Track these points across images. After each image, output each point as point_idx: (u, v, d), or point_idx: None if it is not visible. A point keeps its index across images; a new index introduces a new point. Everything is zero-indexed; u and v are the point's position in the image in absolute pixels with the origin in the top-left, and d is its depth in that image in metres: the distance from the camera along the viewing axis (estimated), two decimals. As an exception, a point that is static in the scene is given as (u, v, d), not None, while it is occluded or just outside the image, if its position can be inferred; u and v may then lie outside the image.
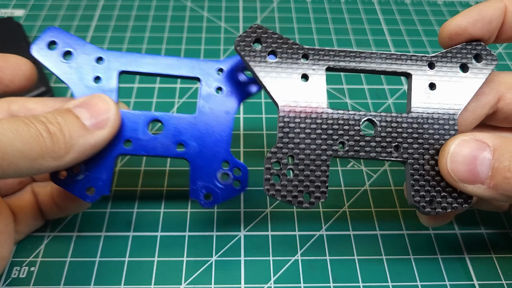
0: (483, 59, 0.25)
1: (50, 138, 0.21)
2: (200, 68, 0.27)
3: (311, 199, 0.23)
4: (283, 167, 0.24)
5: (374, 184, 0.34)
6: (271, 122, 0.38)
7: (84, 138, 0.22)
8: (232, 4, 0.52)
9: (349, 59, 0.25)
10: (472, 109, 0.26)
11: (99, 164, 0.25)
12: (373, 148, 0.24)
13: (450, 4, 0.53)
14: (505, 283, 0.28)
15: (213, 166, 0.26)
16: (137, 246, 0.30)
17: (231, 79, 0.27)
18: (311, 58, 0.25)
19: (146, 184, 0.33)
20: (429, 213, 0.24)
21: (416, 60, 0.25)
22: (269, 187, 0.23)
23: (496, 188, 0.21)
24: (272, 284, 0.28)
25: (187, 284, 0.28)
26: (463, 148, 0.22)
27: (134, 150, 0.25)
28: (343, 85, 0.42)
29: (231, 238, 0.30)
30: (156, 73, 0.26)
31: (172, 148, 0.26)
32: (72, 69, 0.25)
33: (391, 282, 0.28)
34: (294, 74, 0.24)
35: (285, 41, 0.25)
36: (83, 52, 0.26)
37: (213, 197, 0.26)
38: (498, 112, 0.27)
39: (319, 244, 0.30)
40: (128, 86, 0.41)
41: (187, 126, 0.26)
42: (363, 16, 0.51)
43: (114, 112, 0.24)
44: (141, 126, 0.26)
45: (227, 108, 0.26)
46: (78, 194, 0.25)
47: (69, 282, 0.28)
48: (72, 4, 0.50)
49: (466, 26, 0.25)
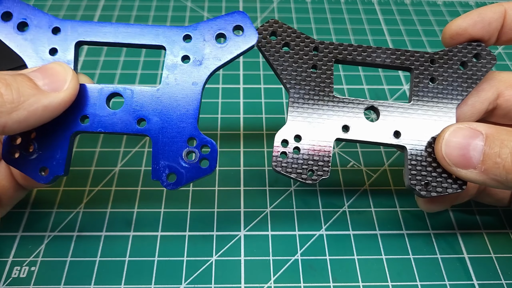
0: (482, 58, 0.26)
1: None
2: (165, 35, 0.25)
3: (314, 176, 0.25)
4: (290, 146, 0.25)
5: (374, 184, 0.34)
6: (271, 122, 0.38)
7: (35, 97, 0.21)
8: (232, 4, 0.52)
9: (356, 53, 0.27)
10: (472, 103, 0.27)
11: (53, 143, 0.23)
12: (374, 133, 0.26)
13: (450, 4, 0.53)
14: (505, 283, 0.28)
15: (178, 144, 0.24)
16: (137, 246, 0.30)
17: (200, 47, 0.25)
18: (321, 50, 0.27)
19: (146, 184, 0.33)
20: (424, 196, 0.25)
21: (419, 56, 0.27)
22: (276, 163, 0.25)
23: (487, 173, 0.22)
24: (272, 284, 0.28)
25: (187, 284, 0.28)
26: (457, 134, 0.24)
27: (91, 127, 0.24)
28: (343, 85, 0.42)
29: (231, 238, 0.30)
30: (116, 42, 0.25)
31: (133, 124, 0.24)
32: (27, 41, 0.24)
33: (391, 282, 0.28)
34: (304, 64, 0.26)
35: (298, 35, 0.27)
36: (39, 23, 0.25)
37: (177, 178, 0.23)
38: (498, 108, 0.28)
39: (319, 244, 0.30)
40: (93, 59, 0.43)
41: (149, 99, 0.24)
42: (363, 16, 0.51)
43: (71, 76, 0.23)
44: (99, 101, 0.24)
45: (195, 79, 0.24)
46: (30, 175, 0.23)
47: (69, 282, 0.28)
48: (73, 5, 0.50)
49: (466, 27, 0.26)
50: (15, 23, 0.24)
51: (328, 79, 0.26)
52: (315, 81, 0.26)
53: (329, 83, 0.26)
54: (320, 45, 0.27)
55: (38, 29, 0.25)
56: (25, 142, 0.24)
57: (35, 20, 0.25)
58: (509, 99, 0.27)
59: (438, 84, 0.26)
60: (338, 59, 0.27)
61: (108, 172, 0.34)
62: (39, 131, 0.24)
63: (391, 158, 0.36)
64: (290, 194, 0.33)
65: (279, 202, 0.32)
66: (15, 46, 0.24)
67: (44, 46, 0.24)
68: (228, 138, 0.37)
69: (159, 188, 0.33)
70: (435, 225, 0.31)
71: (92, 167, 0.34)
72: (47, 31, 0.25)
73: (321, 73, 0.26)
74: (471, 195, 0.29)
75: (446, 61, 0.27)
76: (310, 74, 0.26)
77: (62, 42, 0.25)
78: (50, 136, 0.24)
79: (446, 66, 0.27)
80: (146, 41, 0.25)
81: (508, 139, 0.22)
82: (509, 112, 0.28)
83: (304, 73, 0.26)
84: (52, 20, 0.25)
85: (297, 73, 0.26)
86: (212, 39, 0.25)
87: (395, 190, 0.34)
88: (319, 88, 0.26)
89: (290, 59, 0.26)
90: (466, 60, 0.27)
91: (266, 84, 0.42)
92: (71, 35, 0.25)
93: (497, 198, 0.30)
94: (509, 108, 0.27)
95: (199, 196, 0.32)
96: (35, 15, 0.25)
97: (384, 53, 0.27)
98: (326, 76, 0.26)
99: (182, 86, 0.24)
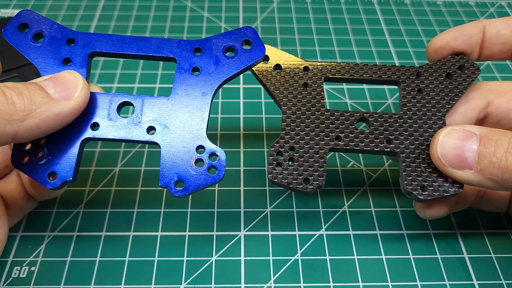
0: (466, 69, 0.28)
1: (3, 100, 0.20)
2: (176, 48, 0.26)
3: (309, 185, 0.25)
4: (285, 157, 0.26)
5: (374, 184, 0.34)
6: (271, 122, 0.38)
7: (47, 105, 0.21)
8: (232, 4, 0.52)
9: (344, 71, 0.28)
10: (462, 112, 0.28)
11: (63, 149, 0.24)
12: (366, 142, 0.26)
13: (450, 4, 0.53)
14: (505, 283, 0.28)
15: (187, 152, 0.24)
16: (137, 246, 0.30)
17: (210, 60, 0.26)
18: (310, 70, 0.28)
19: (146, 184, 0.33)
20: (422, 200, 0.25)
21: (405, 70, 0.28)
22: (272, 174, 0.25)
23: (483, 172, 0.23)
24: (272, 284, 0.28)
25: (187, 284, 0.28)
26: (452, 135, 0.24)
27: (102, 134, 0.24)
28: (343, 85, 0.42)
29: (231, 238, 0.30)
30: (128, 54, 0.26)
31: (142, 132, 0.24)
32: (42, 52, 0.25)
33: (391, 282, 0.28)
34: (295, 83, 0.28)
35: (289, 56, 0.29)
36: (54, 34, 0.25)
37: (185, 185, 0.24)
38: (489, 116, 0.28)
39: (319, 244, 0.30)
40: (110, 72, 0.42)
41: (159, 108, 0.25)
42: (363, 16, 0.51)
43: (82, 84, 0.23)
44: (110, 109, 0.25)
45: (204, 90, 0.25)
46: (39, 179, 0.23)
47: (69, 282, 0.28)
48: (73, 5, 0.50)
49: (448, 41, 0.28)
50: (31, 34, 0.25)
51: (319, 95, 0.27)
52: (306, 98, 0.27)
53: (320, 99, 0.27)
54: (310, 66, 0.28)
55: (53, 40, 0.25)
56: (35, 147, 0.24)
57: (50, 31, 0.25)
58: (499, 107, 0.28)
59: (425, 94, 0.27)
60: (327, 77, 0.28)
61: (108, 172, 0.34)
62: (49, 137, 0.24)
63: (391, 158, 0.36)
64: (290, 194, 0.33)
65: (279, 202, 0.32)
66: (30, 56, 0.25)
67: (57, 57, 0.25)
68: (228, 138, 0.37)
69: (159, 188, 0.33)
70: (435, 225, 0.31)
71: (92, 167, 0.34)
72: (61, 42, 0.25)
73: (312, 90, 0.28)
74: (471, 201, 0.29)
75: (431, 73, 0.28)
76: (301, 91, 0.28)
77: (76, 52, 0.25)
78: (60, 142, 0.24)
79: (432, 78, 0.28)
80: (157, 53, 0.26)
81: (502, 138, 0.23)
82: (500, 119, 0.28)
83: (295, 91, 0.27)
84: (66, 31, 0.26)
85: (289, 91, 0.27)
86: (222, 52, 0.26)
87: (395, 190, 0.34)
88: (311, 104, 0.27)
89: (282, 79, 0.28)
90: (451, 72, 0.28)
91: (266, 84, 0.42)
92: (84, 46, 0.25)
93: (496, 204, 0.30)
94: (500, 116, 0.28)
95: (199, 196, 0.33)
96: (50, 27, 0.26)
97: (371, 69, 0.28)
98: (317, 92, 0.28)
99: (191, 96, 0.25)
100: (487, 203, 0.30)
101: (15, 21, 0.25)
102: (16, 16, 0.25)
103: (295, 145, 0.26)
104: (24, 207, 0.28)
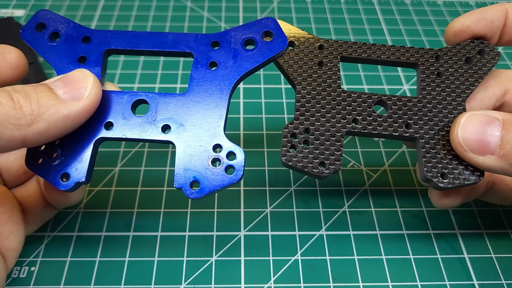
0: (486, 54, 0.27)
1: (10, 104, 0.19)
2: (193, 42, 0.25)
3: (325, 169, 0.24)
4: (299, 139, 0.25)
5: (374, 184, 0.34)
6: (271, 122, 0.38)
7: (55, 107, 0.21)
8: (232, 4, 0.52)
9: (361, 50, 0.27)
10: (480, 98, 0.27)
11: (77, 149, 0.23)
12: (385, 126, 0.25)
13: (450, 4, 0.53)
14: (505, 283, 0.28)
15: (203, 151, 0.23)
16: (137, 246, 0.30)
17: (228, 54, 0.25)
18: (326, 48, 0.27)
19: (146, 184, 0.33)
20: (442, 188, 0.24)
21: (424, 52, 0.27)
22: (286, 157, 0.24)
23: (506, 158, 0.22)
24: (272, 284, 0.28)
25: (187, 284, 0.28)
26: (474, 120, 0.23)
27: (116, 133, 0.23)
28: (343, 86, 0.42)
29: (231, 238, 0.30)
30: (145, 50, 0.25)
31: (157, 131, 0.23)
32: (58, 51, 0.25)
33: (391, 282, 0.28)
34: (310, 61, 0.27)
35: (303, 35, 0.27)
36: (70, 33, 0.25)
37: (201, 186, 0.22)
38: (505, 105, 0.28)
39: (319, 244, 0.30)
40: (131, 72, 0.42)
41: (175, 106, 0.24)
42: (363, 16, 0.51)
43: (92, 83, 0.22)
44: (124, 108, 0.24)
45: (222, 86, 0.24)
46: (51, 181, 0.23)
47: (69, 282, 0.28)
48: (72, 4, 0.50)
49: (469, 24, 0.27)
50: (48, 33, 0.25)
51: (335, 75, 0.26)
52: (321, 77, 0.26)
53: (336, 79, 0.26)
54: (325, 44, 0.27)
55: (68, 39, 0.25)
56: (49, 148, 0.23)
57: (66, 30, 0.25)
58: None
59: (445, 78, 0.26)
60: (343, 56, 0.27)
61: (108, 172, 0.34)
62: (63, 137, 0.23)
63: (391, 158, 0.36)
64: (290, 194, 0.33)
65: (279, 202, 0.32)
66: (47, 56, 0.25)
67: (73, 55, 0.25)
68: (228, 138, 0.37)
69: (159, 188, 0.33)
70: (435, 225, 0.31)
71: (92, 167, 0.34)
72: (77, 40, 0.25)
73: (328, 69, 0.26)
74: (480, 192, 0.29)
75: (451, 57, 0.27)
76: (317, 70, 0.26)
77: (91, 50, 0.25)
78: (73, 143, 0.23)
79: (451, 61, 0.27)
80: (174, 49, 0.25)
81: None
82: None
83: (310, 70, 0.26)
84: (82, 29, 0.25)
85: (303, 70, 0.26)
86: (241, 45, 0.25)
87: (395, 190, 0.34)
88: (326, 84, 0.26)
89: (296, 56, 0.27)
90: (471, 56, 0.27)
91: (266, 84, 0.42)
92: (99, 44, 0.25)
93: (503, 196, 0.29)
94: None
95: (199, 196, 0.32)
96: (66, 25, 0.25)
97: (389, 50, 0.27)
98: (333, 72, 0.26)
99: (208, 93, 0.24)
100: (494, 195, 0.29)
101: (32, 21, 0.25)
102: (34, 16, 0.25)
103: (310, 127, 0.25)
104: (42, 214, 0.28)
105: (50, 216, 0.29)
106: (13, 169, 0.27)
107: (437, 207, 0.28)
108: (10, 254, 0.25)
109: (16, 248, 0.26)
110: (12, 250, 0.25)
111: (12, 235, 0.25)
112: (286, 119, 0.38)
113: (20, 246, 0.26)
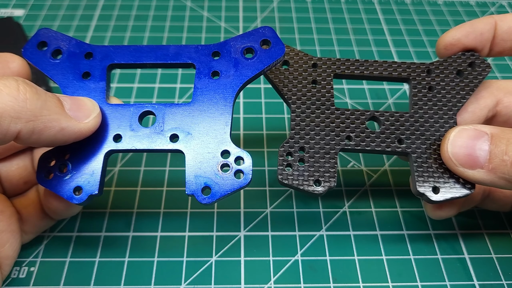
0: (477, 67, 0.27)
1: (15, 95, 0.19)
2: (194, 53, 0.26)
3: (320, 187, 0.25)
4: (295, 158, 0.25)
5: (374, 184, 0.34)
6: (271, 122, 0.38)
7: (57, 116, 0.21)
8: (232, 4, 0.52)
9: (354, 67, 0.28)
10: (472, 110, 0.27)
11: (87, 163, 0.24)
12: (378, 142, 0.26)
13: (450, 4, 0.53)
14: (505, 283, 0.28)
15: (211, 157, 0.24)
16: (137, 247, 0.30)
17: (229, 63, 0.25)
18: (319, 66, 0.28)
19: (145, 184, 0.33)
20: (434, 201, 0.25)
21: (415, 67, 0.28)
22: (282, 176, 0.25)
23: (495, 171, 0.22)
24: (272, 284, 0.28)
25: (187, 284, 0.28)
26: (463, 135, 0.24)
27: (125, 145, 0.24)
28: (343, 85, 0.42)
29: (231, 238, 0.30)
30: (147, 63, 0.26)
31: (166, 141, 0.24)
32: (61, 68, 0.25)
33: (391, 282, 0.28)
34: (304, 80, 0.27)
35: (297, 53, 0.28)
36: (72, 49, 0.25)
37: (213, 192, 0.23)
38: (498, 115, 0.28)
39: (319, 244, 0.30)
40: (127, 86, 0.41)
41: (181, 116, 0.24)
42: (363, 16, 0.51)
43: (96, 115, 0.23)
44: (132, 120, 0.24)
45: (225, 93, 0.25)
46: (65, 195, 0.23)
47: (69, 282, 0.28)
48: (72, 4, 0.50)
49: (459, 37, 0.27)
50: (50, 51, 0.25)
51: (329, 93, 0.27)
52: (315, 96, 0.27)
53: (330, 97, 0.27)
54: (318, 62, 0.28)
55: (71, 55, 0.25)
56: (59, 163, 0.24)
57: (68, 47, 0.26)
58: (508, 106, 0.28)
59: (436, 92, 0.27)
60: (337, 74, 0.28)
61: (107, 172, 0.34)
62: (73, 152, 0.24)
63: (391, 159, 0.36)
64: (290, 194, 0.33)
65: (279, 202, 0.32)
66: (50, 73, 0.25)
67: (77, 71, 0.25)
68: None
69: (159, 189, 0.33)
70: (435, 225, 0.31)
71: (91, 167, 0.34)
72: (80, 56, 0.26)
73: (321, 87, 0.27)
74: (477, 201, 0.29)
75: (442, 71, 0.27)
76: (311, 89, 0.27)
77: (94, 66, 0.25)
78: (83, 156, 0.24)
79: (442, 75, 0.27)
80: (176, 60, 0.26)
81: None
82: (509, 118, 0.28)
83: (304, 88, 0.27)
84: (84, 46, 0.26)
85: (298, 89, 0.27)
86: (240, 54, 0.25)
87: (396, 190, 0.34)
88: (320, 102, 0.27)
89: (290, 75, 0.27)
90: (462, 69, 0.27)
91: (266, 84, 0.42)
92: (102, 59, 0.26)
93: (501, 203, 0.30)
94: (509, 115, 0.28)
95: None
96: (68, 42, 0.26)
97: (381, 66, 0.28)
98: (326, 90, 0.27)
99: (213, 101, 0.25)
100: (492, 203, 0.30)
101: (34, 40, 0.25)
102: (35, 35, 0.26)
103: (305, 146, 0.26)
104: (39, 224, 0.28)
105: (47, 226, 0.29)
106: (14, 179, 0.28)
107: (433, 218, 0.29)
108: (5, 262, 0.25)
109: (11, 256, 0.26)
110: (8, 258, 0.25)
111: (9, 244, 0.25)
112: (286, 119, 0.38)
113: (15, 254, 0.26)
